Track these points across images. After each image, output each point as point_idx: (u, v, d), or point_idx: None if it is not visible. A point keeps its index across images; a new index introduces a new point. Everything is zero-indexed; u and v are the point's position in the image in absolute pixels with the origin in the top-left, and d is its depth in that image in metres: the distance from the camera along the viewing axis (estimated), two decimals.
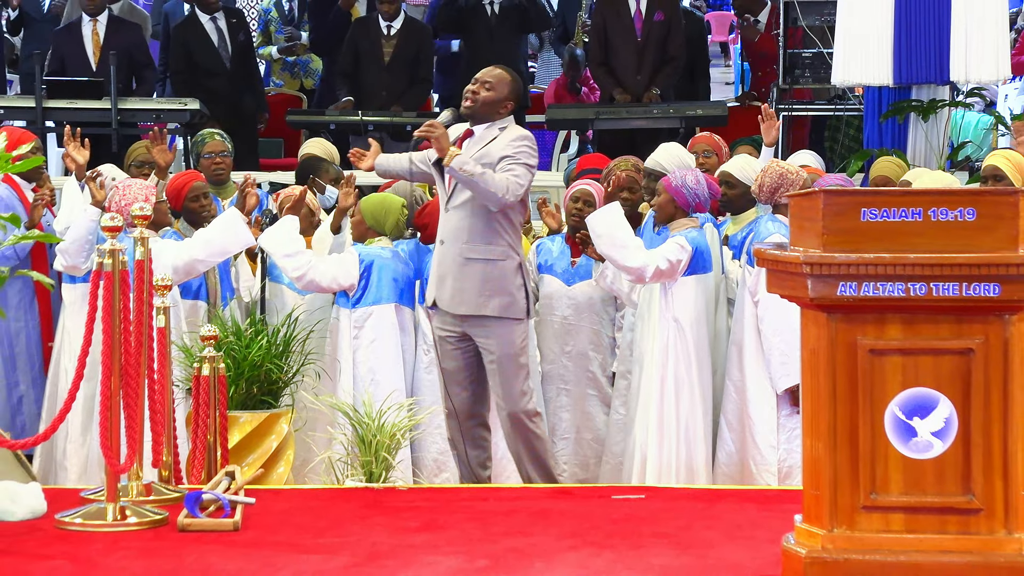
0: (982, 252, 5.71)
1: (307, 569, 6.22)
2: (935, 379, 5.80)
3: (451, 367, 7.88)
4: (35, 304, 8.92)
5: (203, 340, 7.60)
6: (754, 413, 8.17)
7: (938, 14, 10.55)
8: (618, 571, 6.21)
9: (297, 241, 8.21)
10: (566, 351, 8.50)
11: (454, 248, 7.70)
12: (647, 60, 12.83)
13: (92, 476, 8.20)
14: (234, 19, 13.23)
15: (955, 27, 10.55)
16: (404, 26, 13.05)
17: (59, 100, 12.01)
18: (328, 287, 8.32)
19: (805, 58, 13.16)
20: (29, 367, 8.90)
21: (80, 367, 6.90)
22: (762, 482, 8.11)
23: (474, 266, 7.71)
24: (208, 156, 9.56)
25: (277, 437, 7.97)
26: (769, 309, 7.95)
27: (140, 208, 7.26)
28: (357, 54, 13.02)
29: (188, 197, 8.67)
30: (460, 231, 7.68)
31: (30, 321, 8.94)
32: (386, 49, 12.89)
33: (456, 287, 7.72)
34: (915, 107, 10.77)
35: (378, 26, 13.02)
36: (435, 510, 7.18)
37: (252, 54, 13.40)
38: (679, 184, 8.15)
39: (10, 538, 6.66)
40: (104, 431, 6.90)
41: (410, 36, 13.02)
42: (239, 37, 13.11)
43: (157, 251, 7.58)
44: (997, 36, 10.59)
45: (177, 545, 6.56)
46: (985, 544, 5.80)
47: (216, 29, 13.08)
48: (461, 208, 7.67)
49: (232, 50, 13.04)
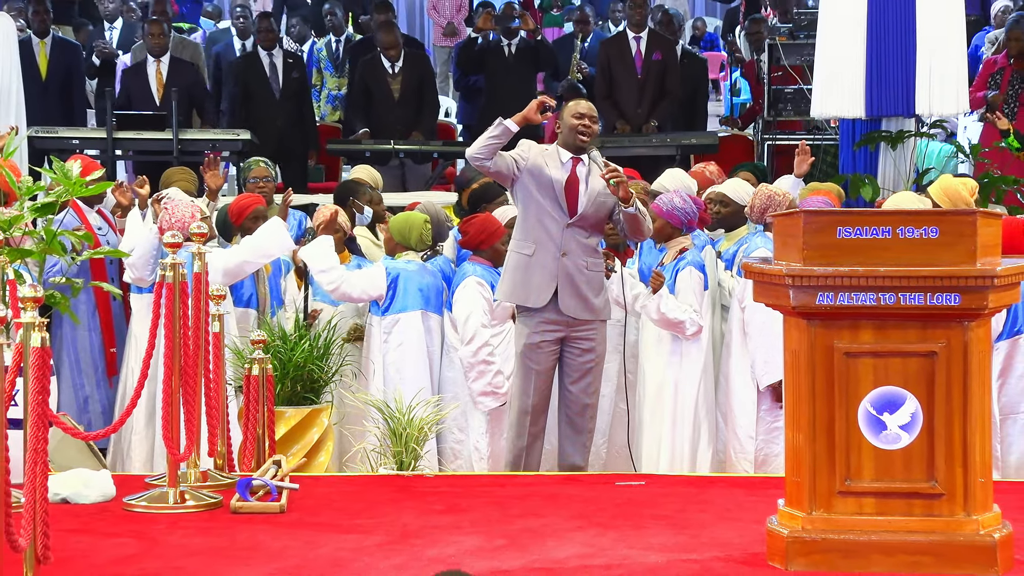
0: (944, 266, 5.71)
1: (345, 547, 6.22)
2: (903, 378, 5.79)
3: (544, 368, 7.70)
4: (97, 313, 8.93)
5: (253, 344, 7.62)
6: (736, 407, 8.17)
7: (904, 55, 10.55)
8: (620, 549, 6.21)
9: (331, 257, 8.21)
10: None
11: (578, 260, 7.60)
12: (646, 95, 12.86)
13: (155, 464, 8.22)
14: (291, 59, 13.28)
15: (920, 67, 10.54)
16: (406, 61, 13.03)
17: (127, 132, 12.05)
18: (359, 298, 8.32)
19: (787, 93, 13.17)
20: (93, 371, 8.90)
21: (145, 368, 6.92)
22: (740, 470, 8.10)
23: (594, 276, 7.66)
24: (254, 180, 9.58)
25: (318, 430, 7.97)
26: (755, 314, 7.95)
27: (198, 227, 7.28)
28: (368, 90, 13.01)
29: (248, 216, 8.65)
30: (582, 246, 7.61)
31: (93, 329, 8.94)
32: (394, 86, 12.89)
33: (580, 294, 7.61)
34: (885, 137, 10.75)
35: (383, 66, 12.99)
36: (458, 495, 7.18)
37: (305, 92, 13.40)
38: (669, 208, 8.14)
39: (84, 518, 6.69)
40: (166, 424, 6.91)
41: (413, 69, 13.01)
42: (292, 74, 13.15)
43: (210, 257, 7.57)
44: (957, 75, 10.59)
45: (230, 525, 6.57)
46: (947, 525, 5.79)
47: (271, 65, 13.12)
48: (581, 228, 7.61)
49: (283, 85, 13.07)
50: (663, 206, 8.15)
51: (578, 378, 7.70)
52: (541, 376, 7.70)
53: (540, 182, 7.58)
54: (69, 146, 11.76)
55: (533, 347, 7.66)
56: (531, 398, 7.70)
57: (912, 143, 10.83)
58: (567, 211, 7.60)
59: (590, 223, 7.63)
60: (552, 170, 7.59)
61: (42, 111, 12.53)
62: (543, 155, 7.64)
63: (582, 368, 7.69)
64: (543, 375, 7.70)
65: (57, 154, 9.76)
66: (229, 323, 8.11)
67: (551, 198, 7.59)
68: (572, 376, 7.71)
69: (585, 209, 7.59)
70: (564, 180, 7.59)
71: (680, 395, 8.10)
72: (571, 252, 7.60)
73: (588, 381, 7.71)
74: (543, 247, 7.60)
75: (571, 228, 7.61)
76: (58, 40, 13.43)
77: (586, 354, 7.69)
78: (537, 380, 7.69)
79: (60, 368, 8.82)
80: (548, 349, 7.68)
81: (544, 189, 7.58)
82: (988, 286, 5.70)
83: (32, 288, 5.31)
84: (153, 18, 13.74)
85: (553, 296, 7.60)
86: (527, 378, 7.70)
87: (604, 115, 13.15)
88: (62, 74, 13.17)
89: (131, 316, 8.63)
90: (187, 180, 9.22)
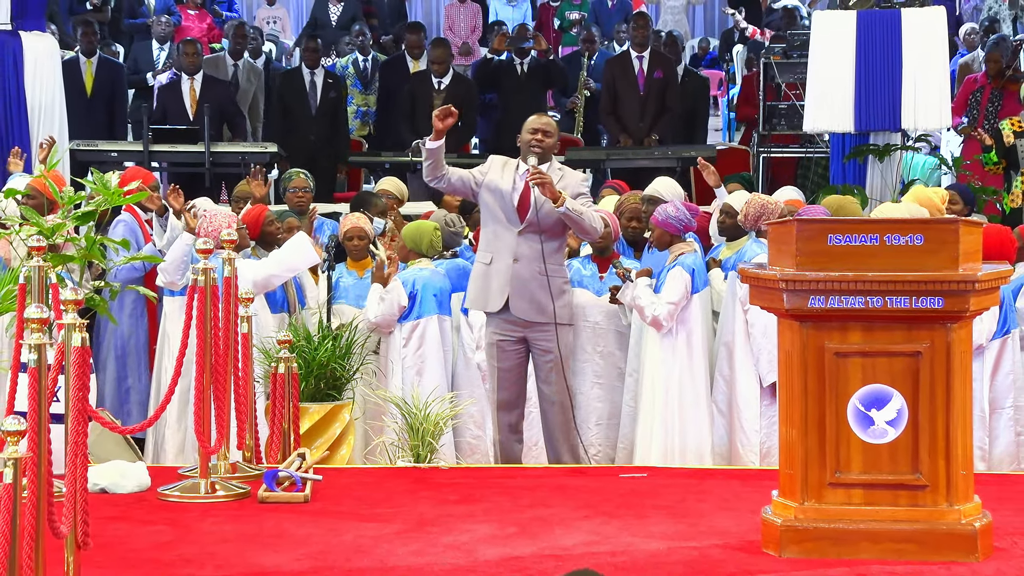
0: (928, 271, 5.69)
1: (366, 534, 6.22)
2: (889, 377, 5.77)
3: (508, 365, 7.73)
4: (145, 313, 8.96)
5: (279, 344, 7.61)
6: (741, 403, 8.15)
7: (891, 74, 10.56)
8: (624, 536, 6.20)
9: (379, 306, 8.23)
10: (598, 350, 8.43)
11: (531, 266, 7.60)
12: (648, 110, 12.85)
13: (187, 456, 8.22)
14: (330, 79, 13.30)
15: (905, 84, 10.55)
16: (453, 82, 13.08)
17: (162, 145, 12.07)
18: (396, 315, 8.30)
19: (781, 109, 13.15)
20: (137, 364, 8.91)
21: (178, 366, 6.91)
22: (747, 460, 8.08)
23: (553, 281, 7.62)
24: (293, 190, 9.62)
25: (340, 425, 7.96)
26: (759, 316, 7.93)
27: (228, 233, 7.27)
28: (413, 102, 13.06)
29: (264, 224, 8.62)
30: (536, 252, 7.59)
31: (140, 327, 8.98)
32: (436, 101, 12.90)
33: (532, 298, 7.62)
34: (872, 150, 10.75)
35: (431, 81, 13.06)
36: (472, 486, 7.17)
37: (341, 111, 13.42)
38: (664, 217, 8.14)
39: (121, 507, 6.69)
40: (198, 419, 6.91)
41: (458, 90, 13.05)
42: (330, 94, 13.17)
43: (240, 269, 7.58)
44: (940, 92, 10.59)
45: (258, 514, 6.56)
46: (930, 515, 5.77)
47: (312, 83, 13.15)
48: (534, 234, 7.59)
49: (320, 102, 13.09)
50: (658, 216, 8.17)
51: (543, 377, 7.74)
52: (506, 372, 7.73)
53: (495, 194, 7.65)
54: (109, 158, 11.80)
55: (492, 346, 7.75)
56: (498, 393, 7.76)
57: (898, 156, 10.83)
58: (518, 219, 7.62)
59: (543, 229, 7.59)
60: (506, 182, 7.64)
61: (87, 126, 12.57)
62: (503, 169, 7.69)
63: (544, 367, 7.72)
64: (509, 372, 7.73)
65: (98, 166, 9.78)
66: (265, 326, 8.11)
67: (504, 208, 7.63)
68: (539, 375, 7.77)
69: (533, 216, 7.59)
70: (517, 190, 7.62)
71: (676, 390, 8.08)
72: (523, 258, 7.61)
73: (553, 379, 7.72)
74: (499, 255, 7.64)
75: (523, 235, 7.61)
76: (104, 60, 13.47)
77: (546, 355, 7.70)
78: (502, 376, 7.73)
79: (106, 360, 8.87)
80: (510, 348, 7.72)
81: (499, 200, 7.64)
82: (970, 290, 5.69)
83: (73, 291, 5.31)
84: (188, 39, 13.77)
85: (507, 300, 7.64)
86: (493, 375, 7.79)
87: (608, 129, 13.25)
88: (106, 91, 13.21)
89: (163, 317, 8.63)
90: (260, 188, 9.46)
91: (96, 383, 8.67)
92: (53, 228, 6.99)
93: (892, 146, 10.71)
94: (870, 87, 10.57)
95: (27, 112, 10.91)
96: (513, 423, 7.80)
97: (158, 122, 12.49)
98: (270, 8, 19.47)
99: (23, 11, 10.98)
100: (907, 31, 10.55)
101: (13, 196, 7.83)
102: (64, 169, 10.37)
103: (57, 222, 7.05)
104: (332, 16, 16.94)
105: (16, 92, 10.90)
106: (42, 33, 11.23)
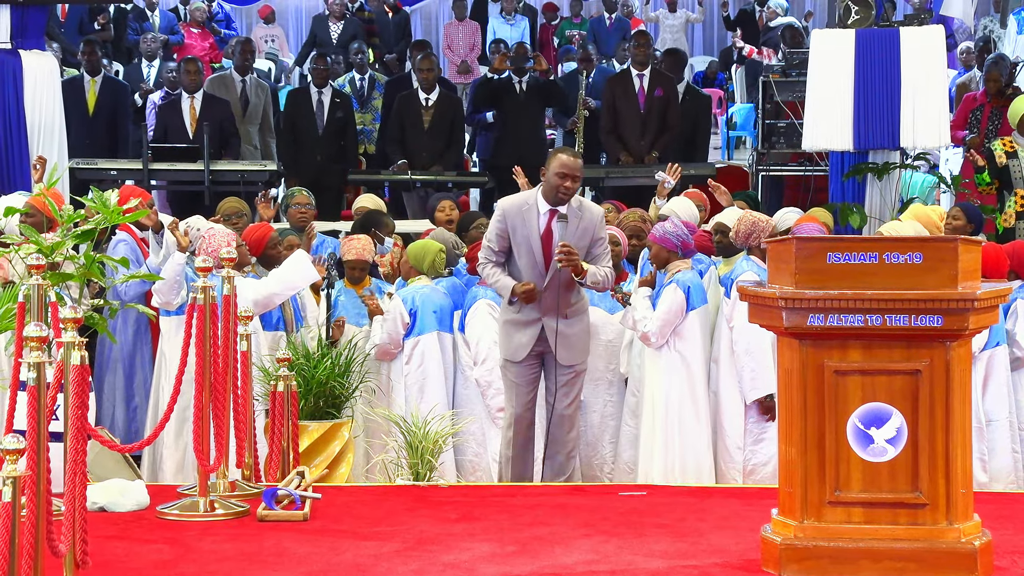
0: (927, 289, 5.70)
1: (365, 553, 6.21)
2: (889, 395, 5.77)
3: (524, 381, 7.77)
4: (149, 331, 8.93)
5: (278, 362, 7.62)
6: (725, 421, 8.15)
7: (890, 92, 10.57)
8: (624, 555, 6.19)
9: (385, 336, 8.29)
10: (611, 368, 8.44)
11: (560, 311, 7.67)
12: (649, 128, 12.87)
13: (185, 475, 8.20)
14: (338, 99, 13.32)
15: (904, 103, 10.56)
16: (440, 98, 13.09)
17: (162, 163, 12.09)
18: (402, 332, 8.32)
19: (780, 127, 13.16)
20: (143, 383, 8.89)
21: (177, 384, 6.91)
22: (729, 478, 8.07)
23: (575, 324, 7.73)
24: (296, 207, 9.70)
25: (340, 443, 7.96)
26: (742, 333, 7.94)
27: (227, 252, 7.28)
28: (402, 122, 13.08)
29: (268, 245, 8.63)
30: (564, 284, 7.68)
31: (144, 345, 8.94)
32: (425, 117, 12.95)
33: (567, 345, 7.69)
34: (871, 168, 10.76)
35: (418, 99, 13.06)
36: (471, 504, 7.17)
37: (348, 130, 13.43)
38: (662, 234, 8.15)
39: (120, 525, 6.68)
40: (197, 437, 6.90)
41: (445, 106, 13.08)
42: (337, 113, 13.20)
43: (240, 288, 7.57)
44: (939, 110, 10.60)
45: (257, 532, 6.56)
46: (930, 533, 5.77)
47: (319, 102, 13.17)
48: (556, 288, 7.64)
49: (327, 122, 13.12)
50: (656, 233, 8.18)
51: (559, 392, 7.72)
52: (523, 388, 7.76)
53: (518, 240, 7.69)
54: (108, 177, 11.80)
55: (510, 361, 7.76)
56: (515, 408, 7.77)
57: (897, 174, 10.83)
58: (544, 277, 7.67)
59: (564, 283, 7.66)
60: (529, 228, 7.67)
61: (89, 145, 12.58)
62: (521, 213, 7.69)
63: (561, 381, 7.72)
64: (525, 386, 7.76)
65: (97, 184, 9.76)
66: (260, 345, 8.11)
67: (528, 252, 7.67)
68: (556, 389, 7.74)
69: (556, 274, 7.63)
70: (540, 234, 7.65)
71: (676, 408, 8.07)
72: (547, 312, 7.67)
73: (569, 395, 7.74)
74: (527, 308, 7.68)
75: (548, 291, 7.65)
76: (108, 79, 13.49)
77: (566, 369, 7.72)
78: (520, 392, 7.76)
79: (114, 379, 8.84)
80: (527, 363, 7.75)
81: (523, 245, 7.68)
82: (969, 308, 5.69)
83: (72, 310, 5.31)
84: (189, 57, 13.79)
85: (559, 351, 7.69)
86: (511, 391, 7.80)
87: (609, 147, 13.23)
88: (109, 110, 13.22)
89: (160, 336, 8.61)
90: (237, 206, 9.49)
91: (104, 402, 8.71)
92: (52, 246, 7.00)
93: (891, 164, 10.71)
94: (869, 105, 10.59)
95: (27, 131, 10.94)
96: (525, 440, 7.79)
97: (159, 140, 12.51)
98: (267, 27, 19.51)
99: (23, 30, 11.01)
100: (906, 49, 10.56)
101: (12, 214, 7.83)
102: (64, 187, 10.38)
103: (56, 240, 7.06)
104: (333, 35, 16.97)
105: (16, 111, 10.92)
106: (42, 52, 11.26)
